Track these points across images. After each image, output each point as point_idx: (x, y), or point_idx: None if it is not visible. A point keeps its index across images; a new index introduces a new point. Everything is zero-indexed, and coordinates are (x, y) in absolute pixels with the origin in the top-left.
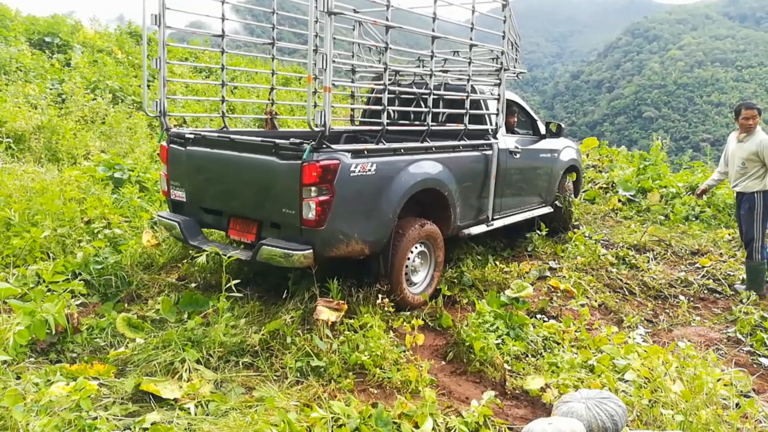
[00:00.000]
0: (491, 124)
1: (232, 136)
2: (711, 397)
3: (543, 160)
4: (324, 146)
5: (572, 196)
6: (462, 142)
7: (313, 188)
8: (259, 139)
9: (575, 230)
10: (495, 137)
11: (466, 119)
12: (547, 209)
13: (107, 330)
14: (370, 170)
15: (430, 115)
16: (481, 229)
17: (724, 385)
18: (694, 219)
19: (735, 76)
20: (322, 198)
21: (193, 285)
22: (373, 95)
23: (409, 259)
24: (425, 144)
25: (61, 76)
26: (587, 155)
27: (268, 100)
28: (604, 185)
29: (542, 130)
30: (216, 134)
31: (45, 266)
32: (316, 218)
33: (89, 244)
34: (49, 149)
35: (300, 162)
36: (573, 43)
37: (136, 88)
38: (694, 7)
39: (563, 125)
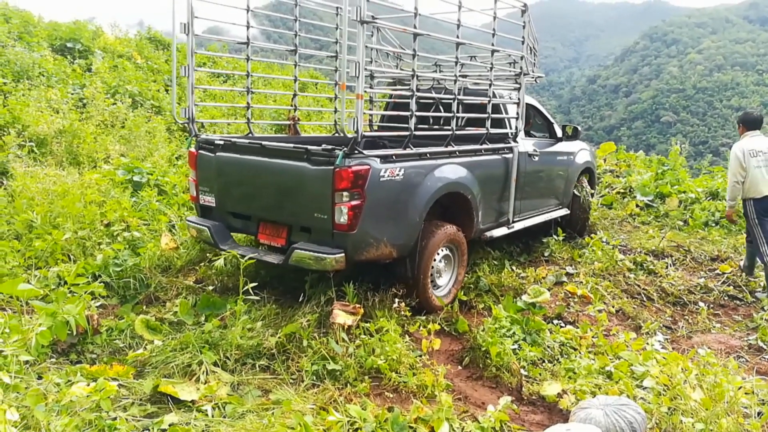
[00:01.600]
0: (511, 128)
1: (263, 143)
2: (732, 405)
3: (560, 162)
4: (356, 152)
5: (589, 197)
6: (484, 146)
7: (345, 193)
8: (291, 145)
9: (592, 235)
10: (515, 140)
11: (488, 123)
12: (564, 211)
13: (126, 331)
14: (398, 175)
15: (455, 119)
16: (502, 231)
17: (746, 393)
18: (714, 225)
19: (755, 80)
20: (353, 203)
21: (211, 288)
22: (393, 100)
23: (434, 261)
24: (449, 148)
25: (82, 81)
26: (604, 160)
27: (291, 106)
28: (622, 190)
29: (558, 133)
30: (247, 140)
31: (66, 268)
32: (348, 222)
33: (109, 247)
34: (70, 153)
35: (332, 168)
36: (589, 48)
37: (154, 92)
38: (714, 10)
39: (579, 128)
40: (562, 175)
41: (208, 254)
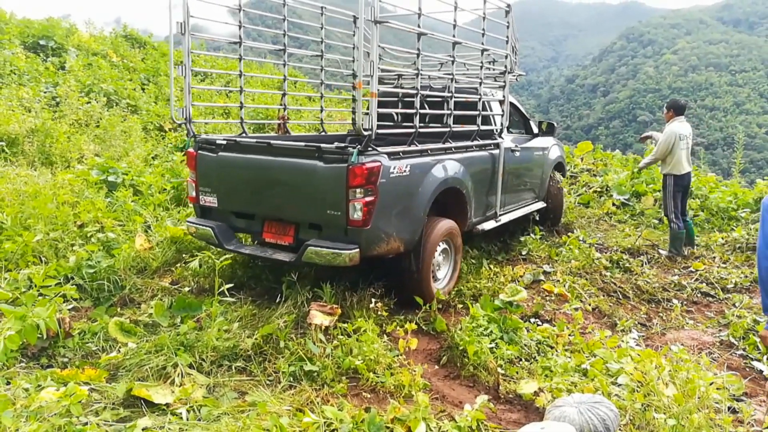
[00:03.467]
0: (497, 125)
1: (271, 142)
2: (703, 401)
3: (537, 157)
4: (369, 149)
5: (562, 189)
6: (475, 143)
7: (359, 190)
8: (303, 143)
9: (570, 233)
10: (500, 137)
11: (479, 120)
12: (541, 204)
13: (99, 334)
14: (405, 171)
15: (452, 117)
16: (491, 224)
17: (717, 388)
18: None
19: (729, 80)
20: (368, 199)
21: (187, 289)
22: (378, 98)
23: (435, 255)
24: (447, 145)
25: (55, 80)
26: (582, 159)
27: (280, 105)
28: (599, 189)
29: (534, 129)
30: (254, 140)
31: (37, 270)
32: (362, 218)
33: (82, 248)
34: (42, 153)
35: (346, 165)
36: (568, 47)
37: (130, 91)
38: (688, 11)
39: (555, 124)
40: (538, 169)
41: (183, 255)
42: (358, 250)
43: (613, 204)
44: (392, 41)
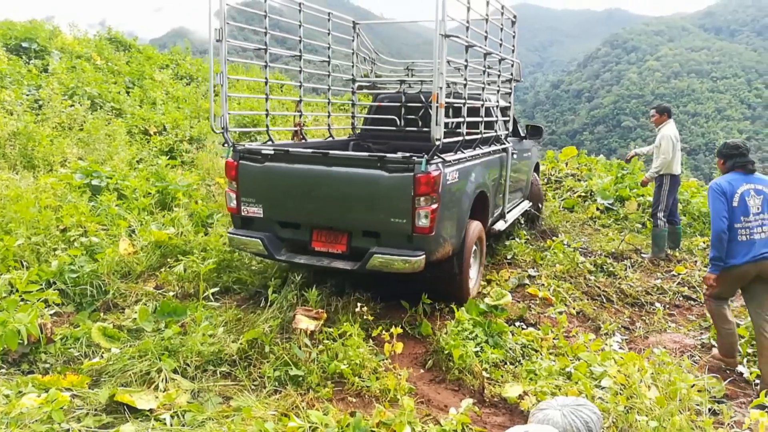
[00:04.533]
0: (504, 130)
1: (329, 152)
2: (685, 403)
3: (525, 159)
4: (436, 158)
5: (541, 189)
6: (492, 148)
7: (425, 198)
8: (366, 153)
9: (554, 238)
10: (506, 141)
11: (497, 126)
12: (528, 203)
13: (82, 340)
14: (456, 178)
15: (483, 124)
16: (501, 225)
17: (698, 391)
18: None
19: (710, 86)
20: (433, 206)
21: (171, 294)
22: (377, 104)
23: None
24: (478, 151)
25: (38, 82)
26: (566, 164)
27: (297, 111)
28: (583, 194)
29: (522, 132)
30: (309, 150)
31: (18, 275)
32: (429, 225)
33: (65, 253)
34: (24, 156)
35: (412, 174)
36: (553, 53)
37: (115, 94)
38: (670, 19)
39: (542, 127)
40: (526, 171)
41: (168, 259)
42: (424, 256)
43: (597, 208)
44: (379, 46)
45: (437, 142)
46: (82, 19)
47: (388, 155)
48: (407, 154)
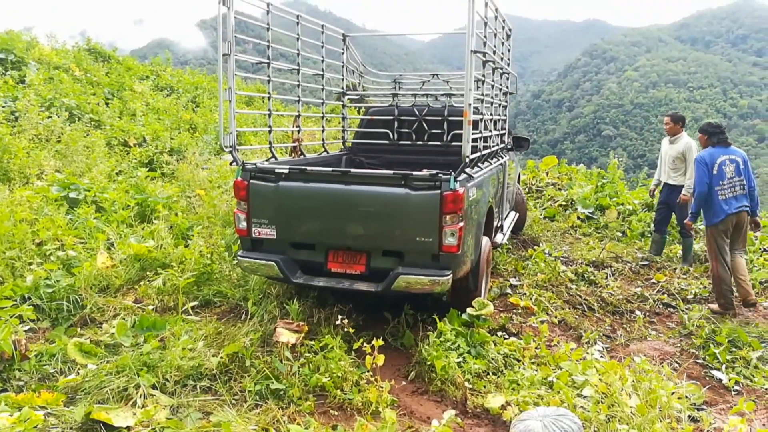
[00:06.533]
0: (502, 142)
1: (350, 170)
2: (665, 410)
3: (512, 170)
4: (463, 175)
5: (524, 198)
6: (496, 162)
7: (452, 215)
8: (390, 171)
9: (536, 247)
10: (506, 154)
11: (499, 140)
12: (515, 213)
13: (57, 356)
14: (475, 194)
15: (492, 138)
16: (500, 237)
17: (678, 398)
18: (649, 235)
19: (687, 96)
20: (460, 224)
21: (150, 307)
22: (367, 117)
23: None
24: (489, 166)
25: (14, 94)
26: (547, 173)
27: (295, 126)
28: (564, 203)
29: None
30: (330, 169)
31: None
32: (457, 243)
33: (40, 267)
34: None
35: (439, 192)
36: (534, 63)
37: (94, 106)
38: (647, 30)
39: (530, 138)
40: (512, 181)
41: (147, 273)
42: (451, 275)
43: (578, 217)
44: (362, 57)
45: (467, 159)
46: (62, 30)
47: (414, 173)
48: (434, 172)
